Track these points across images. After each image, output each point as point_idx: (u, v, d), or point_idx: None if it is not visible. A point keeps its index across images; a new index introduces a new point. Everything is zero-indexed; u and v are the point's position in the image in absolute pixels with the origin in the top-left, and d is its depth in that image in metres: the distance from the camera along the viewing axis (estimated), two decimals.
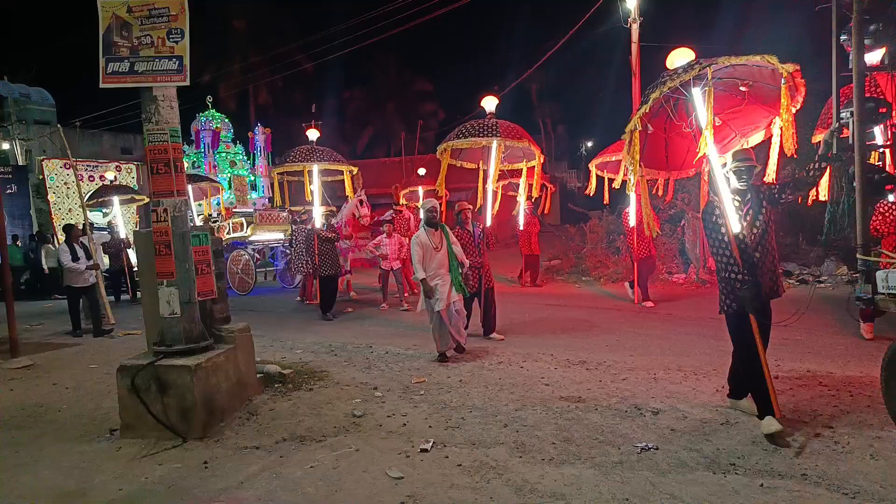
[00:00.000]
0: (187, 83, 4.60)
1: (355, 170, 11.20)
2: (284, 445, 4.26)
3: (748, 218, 4.21)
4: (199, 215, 14.22)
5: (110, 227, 13.59)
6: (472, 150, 9.27)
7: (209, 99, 19.18)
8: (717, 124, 4.31)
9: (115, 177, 16.47)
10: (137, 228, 13.79)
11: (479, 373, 6.00)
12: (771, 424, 3.97)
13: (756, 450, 3.84)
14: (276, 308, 11.82)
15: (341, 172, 11.69)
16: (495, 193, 9.15)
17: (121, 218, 13.74)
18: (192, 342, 4.72)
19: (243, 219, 14.99)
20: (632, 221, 9.99)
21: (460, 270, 6.63)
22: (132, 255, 12.77)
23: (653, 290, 10.72)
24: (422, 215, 6.93)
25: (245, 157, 19.71)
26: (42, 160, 16.39)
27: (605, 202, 11.79)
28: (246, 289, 14.10)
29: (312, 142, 10.71)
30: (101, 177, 17.08)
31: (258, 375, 5.53)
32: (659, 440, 4.06)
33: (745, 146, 5.06)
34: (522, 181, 10.17)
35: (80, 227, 9.61)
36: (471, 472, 3.68)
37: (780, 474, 3.49)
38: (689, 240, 12.84)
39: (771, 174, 4.78)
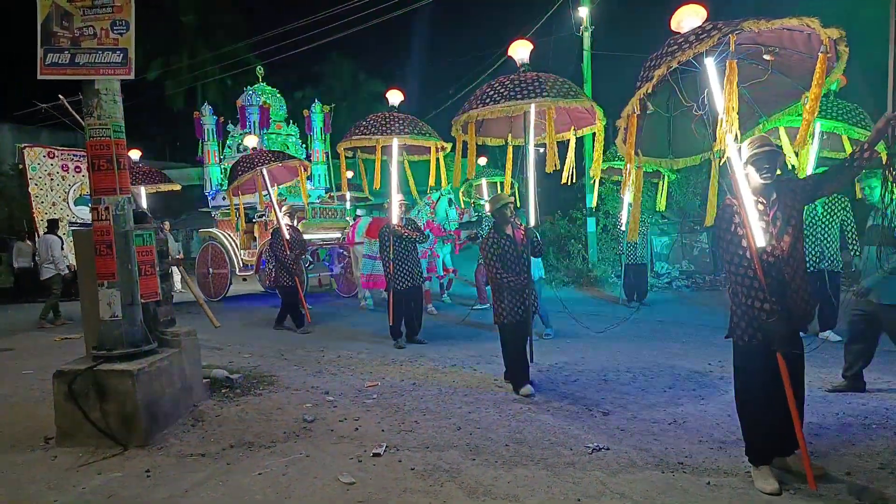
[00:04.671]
0: (131, 77, 4.43)
1: (448, 147, 7.79)
2: (232, 452, 4.13)
3: (776, 225, 3.27)
4: (284, 204, 10.38)
5: None
6: (497, 121, 6.75)
7: (260, 70, 15.79)
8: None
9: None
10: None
11: (432, 376, 5.97)
12: (766, 481, 3.29)
13: (703, 448, 3.93)
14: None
15: (420, 151, 8.42)
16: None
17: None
18: (134, 346, 4.53)
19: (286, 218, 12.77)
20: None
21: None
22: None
23: (596, 293, 10.92)
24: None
25: (299, 141, 15.81)
26: (24, 148, 14.78)
27: (593, 205, 11.46)
28: (215, 293, 12.99)
29: (394, 106, 7.75)
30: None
31: (205, 380, 5.36)
32: (609, 440, 4.11)
33: (763, 129, 4.09)
34: (625, 167, 9.14)
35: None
36: (424, 476, 3.64)
37: (725, 472, 3.57)
38: None
39: (803, 167, 3.88)
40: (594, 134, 6.21)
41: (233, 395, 5.37)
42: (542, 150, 6.66)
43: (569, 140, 6.51)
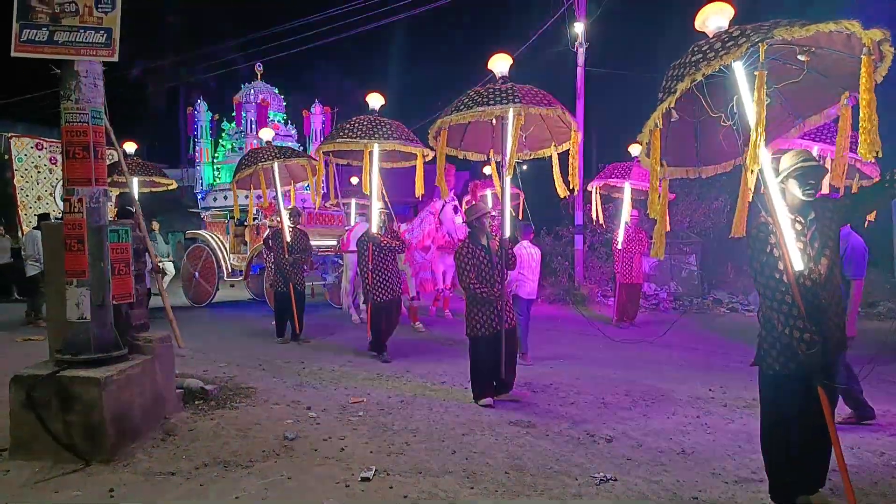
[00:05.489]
0: (115, 59, 4.10)
1: (430, 155, 7.44)
2: (205, 471, 3.77)
3: (814, 247, 3.01)
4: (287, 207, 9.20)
5: None
6: (480, 135, 6.71)
7: (258, 67, 14.93)
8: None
9: None
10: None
11: (421, 393, 5.65)
12: None
13: (717, 483, 3.66)
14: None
15: (405, 157, 8.06)
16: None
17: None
18: (102, 351, 4.15)
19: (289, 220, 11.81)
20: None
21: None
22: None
23: (590, 314, 10.68)
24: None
25: (297, 144, 14.97)
26: (10, 137, 13.84)
27: (600, 222, 11.18)
28: (201, 298, 12.31)
29: (375, 111, 7.48)
30: None
31: (178, 391, 4.97)
32: (616, 470, 3.83)
33: (801, 129, 3.77)
34: (627, 187, 9.23)
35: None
36: None
37: None
38: None
39: (836, 179, 3.56)
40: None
41: (207, 408, 4.99)
42: (525, 166, 6.51)
43: (550, 156, 6.38)
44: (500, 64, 5.83)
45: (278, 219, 8.62)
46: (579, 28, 12.93)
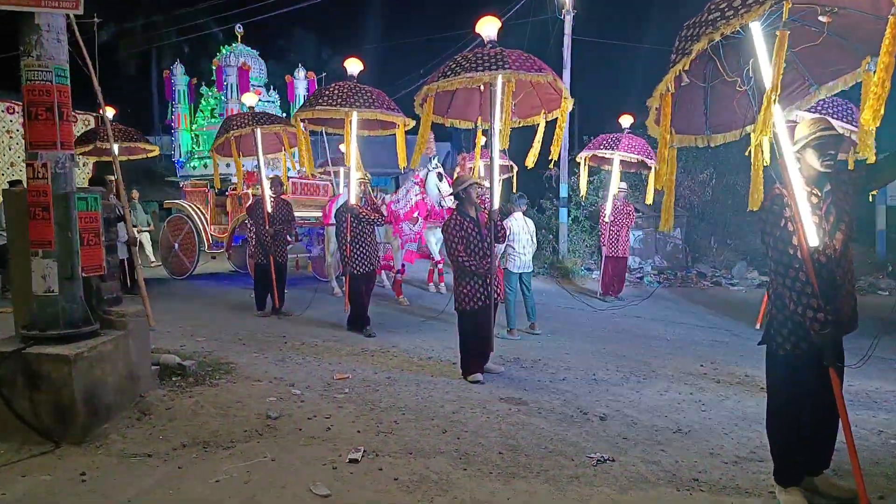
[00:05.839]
0: (80, 11, 3.78)
1: (411, 124, 7.23)
2: (184, 453, 3.58)
3: (829, 220, 2.84)
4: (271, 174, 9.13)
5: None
6: (468, 102, 6.53)
7: (238, 28, 13.94)
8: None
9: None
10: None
11: (408, 368, 5.50)
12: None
13: (716, 463, 3.56)
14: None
15: (385, 126, 7.67)
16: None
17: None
18: (72, 326, 3.91)
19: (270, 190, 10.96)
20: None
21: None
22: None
23: (571, 286, 10.60)
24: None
25: (280, 110, 14.00)
26: None
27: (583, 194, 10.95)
28: (181, 270, 11.77)
29: (353, 76, 7.15)
30: None
31: (153, 367, 4.75)
32: (612, 450, 3.72)
33: (816, 97, 3.59)
34: (616, 159, 9.13)
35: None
36: (411, 489, 3.17)
37: (747, 492, 3.21)
38: None
39: (866, 149, 3.20)
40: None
41: (185, 385, 4.77)
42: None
43: (538, 125, 6.23)
44: (488, 27, 5.57)
45: (259, 187, 8.30)
46: None
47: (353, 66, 7.12)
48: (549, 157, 6.00)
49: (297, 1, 16.51)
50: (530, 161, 6.04)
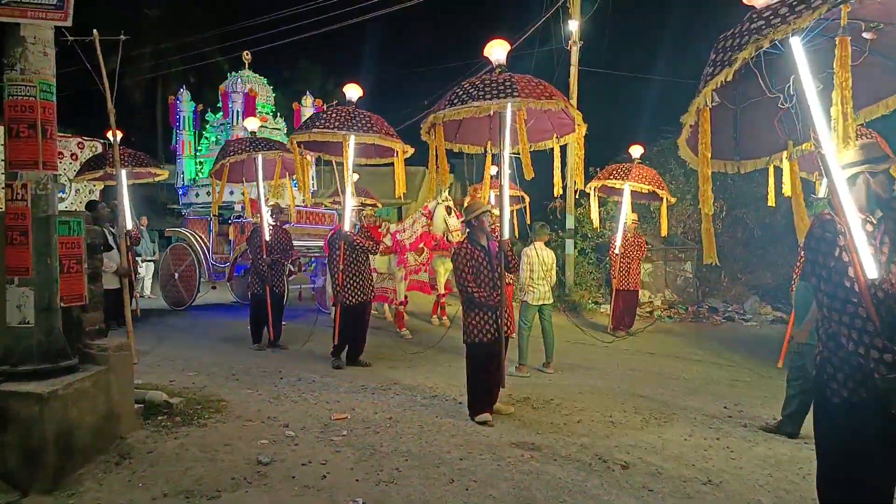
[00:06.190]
0: (68, 23, 3.56)
1: (410, 151, 7.04)
2: (165, 503, 3.23)
3: (884, 250, 2.51)
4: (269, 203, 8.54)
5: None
6: (476, 126, 6.24)
7: (247, 56, 13.53)
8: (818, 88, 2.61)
9: (76, 155, 12.56)
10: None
11: (410, 408, 5.14)
12: None
13: None
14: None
15: (382, 153, 7.45)
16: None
17: (127, 202, 8.00)
18: (48, 361, 3.59)
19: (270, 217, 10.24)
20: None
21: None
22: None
23: (579, 320, 10.24)
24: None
25: (286, 138, 12.57)
26: None
27: (595, 226, 10.73)
28: (180, 301, 11.36)
29: (352, 102, 6.93)
30: (59, 153, 13.13)
31: (137, 405, 4.41)
32: (637, 503, 3.36)
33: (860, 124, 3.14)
34: (626, 189, 8.83)
35: None
36: None
37: None
38: None
39: None
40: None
41: (171, 425, 4.43)
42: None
43: (552, 149, 6.07)
44: (496, 51, 5.32)
45: (259, 215, 8.02)
46: (573, 26, 12.52)
47: (353, 91, 6.89)
48: (560, 188, 5.84)
49: (305, 30, 16.39)
50: (558, 188, 5.87)
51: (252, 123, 8.59)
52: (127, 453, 3.85)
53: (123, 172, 8.54)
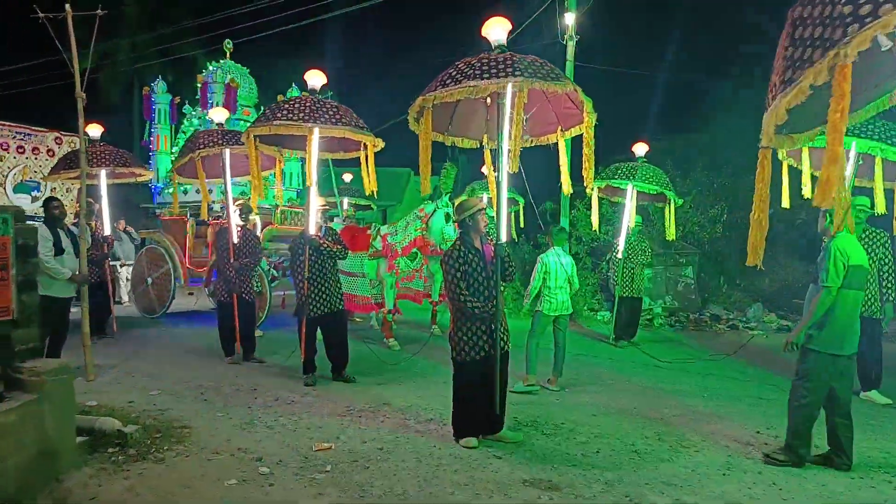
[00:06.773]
0: None
1: (381, 145, 6.42)
2: None
3: None
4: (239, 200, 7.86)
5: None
6: (472, 117, 5.63)
7: (228, 44, 12.70)
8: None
9: (53, 151, 12.37)
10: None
11: (404, 436, 4.49)
12: None
13: None
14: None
15: (348, 148, 6.88)
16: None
17: (106, 205, 8.12)
18: None
19: (258, 217, 9.67)
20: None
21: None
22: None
23: (577, 328, 9.64)
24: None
25: None
26: None
27: (595, 228, 10.19)
28: (152, 308, 10.61)
29: (315, 90, 6.28)
30: (35, 149, 12.94)
31: (80, 438, 3.72)
32: None
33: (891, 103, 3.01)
34: (631, 190, 8.38)
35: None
36: None
37: None
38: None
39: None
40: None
41: (123, 459, 3.75)
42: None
43: (546, 146, 5.55)
44: (496, 30, 4.68)
45: (227, 215, 7.32)
46: (570, 20, 11.98)
47: (315, 78, 6.25)
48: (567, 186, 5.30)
49: (290, 20, 15.60)
50: (566, 187, 5.34)
51: (219, 114, 7.86)
52: (63, 499, 3.18)
53: (103, 173, 7.85)
